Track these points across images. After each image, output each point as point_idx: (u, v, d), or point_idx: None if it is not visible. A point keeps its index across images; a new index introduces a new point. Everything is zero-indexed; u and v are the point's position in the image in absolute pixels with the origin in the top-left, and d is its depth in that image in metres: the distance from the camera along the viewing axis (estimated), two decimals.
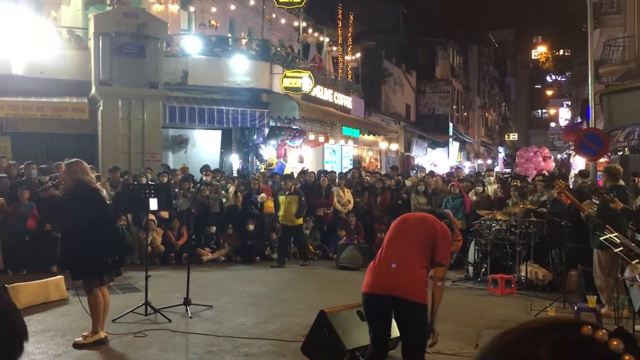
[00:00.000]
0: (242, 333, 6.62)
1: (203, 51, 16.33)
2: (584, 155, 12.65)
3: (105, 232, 6.03)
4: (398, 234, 4.33)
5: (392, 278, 4.08)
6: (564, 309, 7.77)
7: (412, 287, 4.04)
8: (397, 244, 4.25)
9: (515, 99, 66.88)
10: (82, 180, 5.97)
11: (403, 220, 4.44)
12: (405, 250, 4.18)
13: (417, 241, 4.20)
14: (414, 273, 4.09)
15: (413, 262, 4.12)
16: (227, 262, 12.05)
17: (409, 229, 4.32)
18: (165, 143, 16.34)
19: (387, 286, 4.08)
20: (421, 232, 4.24)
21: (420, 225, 4.29)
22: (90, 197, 6.00)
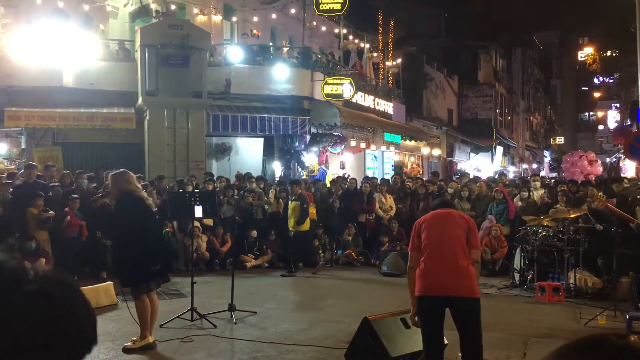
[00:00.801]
0: (286, 339, 6.67)
1: (245, 60, 16.57)
2: (634, 158, 12.28)
3: (150, 240, 6.14)
4: (436, 233, 4.53)
5: (446, 279, 4.30)
6: (615, 317, 7.54)
7: (467, 285, 4.32)
8: (440, 243, 4.45)
9: (562, 102, 65.32)
10: (126, 190, 6.14)
11: (434, 219, 4.65)
12: (451, 250, 4.40)
13: (457, 237, 4.46)
14: (465, 270, 4.34)
15: (461, 259, 4.36)
16: (270, 268, 12.14)
17: (445, 226, 4.55)
18: (209, 151, 16.62)
19: (443, 287, 4.30)
20: (456, 227, 4.52)
21: (453, 221, 4.57)
22: (134, 207, 6.13)
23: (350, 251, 12.81)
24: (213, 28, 17.46)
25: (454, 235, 4.47)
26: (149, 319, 6.16)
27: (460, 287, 4.31)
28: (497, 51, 38.90)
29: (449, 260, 4.37)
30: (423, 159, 27.47)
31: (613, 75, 55.68)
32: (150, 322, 6.25)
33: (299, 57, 17.76)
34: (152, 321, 6.27)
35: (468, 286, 4.33)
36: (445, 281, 4.31)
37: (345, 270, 12.15)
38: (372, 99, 20.37)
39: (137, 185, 6.33)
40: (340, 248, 12.93)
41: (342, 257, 12.79)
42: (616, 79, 53.52)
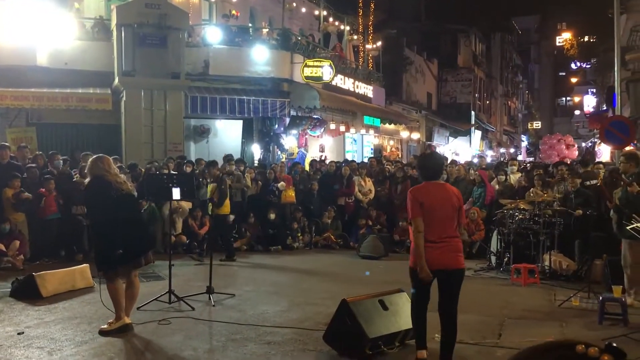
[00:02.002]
0: (265, 321, 6.68)
1: (224, 41, 16.37)
2: (609, 143, 12.45)
3: (114, 224, 6.02)
4: (435, 212, 4.98)
5: (443, 256, 4.95)
6: (589, 299, 7.68)
7: (458, 259, 5.04)
8: (440, 219, 4.97)
9: (539, 87, 65.92)
10: (96, 175, 6.10)
11: (433, 196, 5.02)
12: (448, 229, 4.99)
13: (452, 218, 5.03)
14: (458, 246, 5.05)
15: (454, 236, 5.03)
16: (249, 251, 12.13)
17: (443, 207, 5.01)
18: (187, 133, 16.46)
19: (440, 263, 4.95)
20: (451, 209, 5.03)
21: (449, 201, 5.04)
22: (98, 192, 6.08)
23: (329, 234, 12.85)
24: (191, 8, 17.18)
25: (450, 217, 5.02)
26: (122, 301, 6.12)
27: (454, 261, 5.00)
28: (476, 36, 39.00)
29: (445, 239, 4.96)
30: (402, 142, 27.55)
31: (590, 60, 56.23)
32: (128, 304, 6.21)
33: (278, 39, 17.60)
34: (130, 303, 6.23)
35: (459, 260, 5.05)
36: (442, 258, 4.95)
37: (324, 253, 12.19)
38: (352, 82, 20.31)
39: (109, 170, 6.16)
40: (319, 231, 12.96)
41: (321, 240, 12.83)
42: (593, 65, 54.05)
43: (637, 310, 6.79)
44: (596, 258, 8.84)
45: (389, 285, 7.16)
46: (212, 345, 5.91)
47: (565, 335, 6.25)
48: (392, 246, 12.25)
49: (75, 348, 5.69)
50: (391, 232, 12.69)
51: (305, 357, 5.54)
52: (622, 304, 6.68)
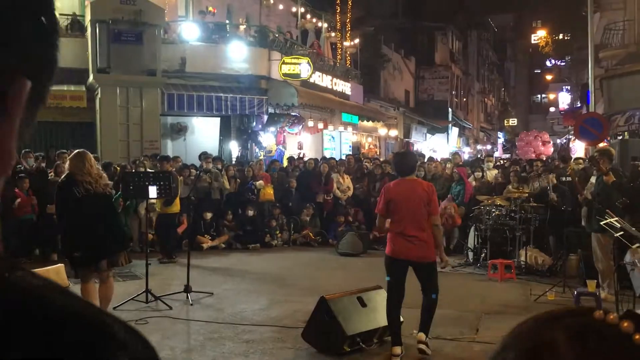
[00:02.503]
0: (243, 320, 6.65)
1: (201, 38, 16.25)
2: (583, 139, 12.63)
3: (79, 225, 5.90)
4: (403, 207, 5.32)
5: (412, 248, 5.28)
6: (564, 293, 7.79)
7: (427, 252, 5.33)
8: (407, 214, 5.29)
9: (515, 84, 66.65)
10: (69, 172, 6.00)
11: (401, 193, 5.36)
12: (416, 220, 5.28)
13: (419, 212, 5.30)
14: (427, 238, 5.30)
15: (424, 228, 5.29)
16: (227, 249, 12.07)
17: (410, 201, 5.32)
18: (164, 131, 16.31)
19: (408, 254, 5.31)
20: (419, 202, 5.30)
21: (416, 196, 5.32)
22: (61, 191, 5.99)
23: (308, 231, 12.84)
24: (167, 4, 17.00)
25: (417, 211, 5.29)
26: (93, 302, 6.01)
27: (420, 255, 5.32)
28: (453, 33, 39.27)
29: (412, 233, 5.27)
30: (380, 139, 27.64)
31: (565, 58, 57.01)
32: (102, 305, 6.11)
33: (256, 36, 17.52)
34: (103, 304, 6.13)
35: (429, 252, 5.35)
36: (409, 251, 5.31)
37: (302, 251, 12.19)
38: (330, 79, 20.31)
39: (82, 167, 5.93)
40: (298, 228, 12.94)
41: (299, 237, 12.82)
42: (567, 62, 54.84)
43: (611, 303, 6.89)
44: (571, 253, 8.98)
45: (367, 282, 7.17)
46: (190, 345, 5.87)
47: None
48: (371, 243, 12.28)
49: None
50: (369, 229, 12.73)
51: (284, 354, 5.52)
52: (597, 298, 6.79)
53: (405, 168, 5.51)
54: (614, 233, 5.88)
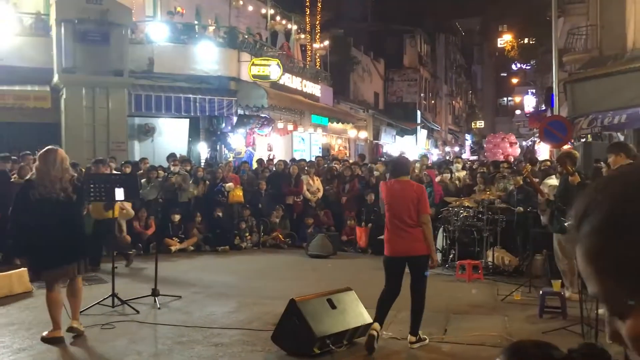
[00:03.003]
0: (212, 323, 6.58)
1: (169, 38, 16.08)
2: (548, 142, 12.88)
3: (28, 230, 5.74)
4: (395, 203, 5.83)
5: (404, 244, 5.76)
6: (530, 293, 7.93)
7: (419, 247, 5.75)
8: (399, 211, 5.78)
9: (482, 87, 67.66)
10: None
11: (394, 193, 5.87)
12: (407, 218, 5.75)
13: (411, 208, 5.76)
14: (418, 235, 5.76)
15: (412, 227, 5.74)
16: (196, 251, 11.95)
17: (403, 199, 5.80)
18: (131, 132, 16.08)
19: (402, 251, 5.78)
20: (409, 202, 5.77)
21: (407, 196, 5.80)
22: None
23: (278, 233, 12.80)
24: (134, 4, 16.77)
25: (407, 209, 5.77)
26: (53, 311, 5.79)
27: (412, 249, 5.76)
28: (421, 36, 39.67)
29: (404, 230, 5.76)
30: (350, 141, 27.75)
31: (530, 62, 58.07)
32: (72, 308, 5.97)
33: (225, 37, 17.42)
34: (73, 307, 5.99)
35: (421, 247, 5.76)
36: (401, 247, 5.78)
37: (272, 253, 12.15)
38: (300, 80, 20.31)
39: (42, 168, 5.76)
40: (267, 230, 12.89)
41: (269, 239, 12.77)
42: (533, 66, 55.87)
43: (575, 303, 7.03)
44: (536, 253, 9.14)
45: (337, 284, 7.19)
46: (157, 349, 5.79)
47: (508, 329, 6.43)
48: (341, 245, 12.31)
49: (12, 356, 5.46)
50: (339, 231, 12.76)
51: (254, 357, 5.49)
52: (561, 298, 6.92)
53: (399, 170, 6.06)
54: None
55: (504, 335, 6.08)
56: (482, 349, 5.74)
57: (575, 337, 5.78)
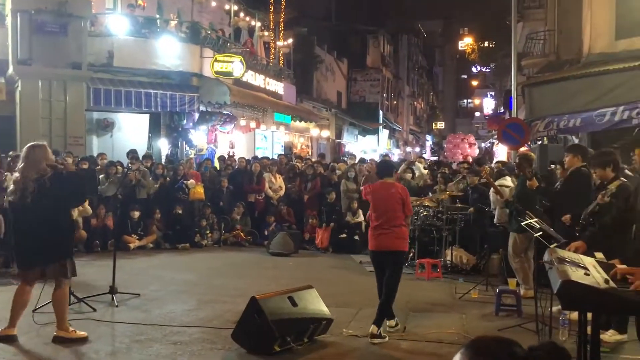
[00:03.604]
0: (171, 321, 6.51)
1: (130, 32, 15.78)
2: (506, 143, 13.16)
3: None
4: (381, 203, 6.28)
5: (388, 240, 6.19)
6: (487, 291, 8.10)
7: (400, 243, 6.25)
8: (385, 211, 6.22)
9: (443, 89, 68.69)
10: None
11: (380, 194, 6.33)
12: (392, 217, 6.18)
13: (396, 208, 6.21)
14: (401, 233, 6.24)
15: (398, 224, 6.21)
16: (156, 249, 11.79)
17: (388, 201, 6.24)
18: (90, 126, 15.75)
19: (386, 246, 6.21)
20: (394, 202, 6.21)
21: (393, 197, 6.23)
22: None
23: (239, 231, 12.73)
24: None
25: (393, 209, 6.21)
26: (15, 307, 5.70)
27: (394, 245, 6.19)
28: (384, 37, 40.00)
29: (389, 227, 6.17)
30: (312, 140, 27.78)
31: (490, 65, 59.22)
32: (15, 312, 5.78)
33: (187, 32, 17.19)
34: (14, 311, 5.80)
35: (402, 244, 6.31)
36: (385, 242, 6.20)
37: (233, 251, 12.09)
38: (263, 78, 20.22)
39: (16, 167, 5.82)
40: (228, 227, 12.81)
41: (230, 237, 12.70)
42: (492, 69, 56.99)
43: (530, 301, 7.22)
44: (493, 252, 9.34)
45: (298, 281, 7.19)
46: (114, 348, 5.69)
47: (465, 326, 6.55)
48: (302, 243, 12.33)
49: None
50: (301, 229, 12.77)
51: (213, 356, 5.45)
52: (517, 296, 7.09)
53: (383, 172, 6.62)
54: (534, 233, 6.16)
55: (461, 333, 6.20)
56: (440, 346, 5.83)
57: (530, 334, 5.93)
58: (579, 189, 6.79)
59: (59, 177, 5.72)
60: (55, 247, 5.70)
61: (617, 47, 13.26)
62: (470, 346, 1.14)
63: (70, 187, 5.90)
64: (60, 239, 5.75)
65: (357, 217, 12.23)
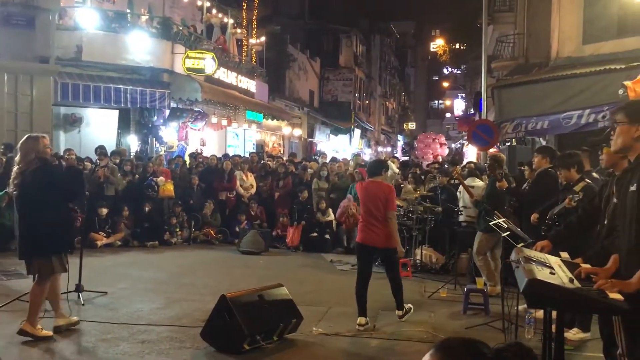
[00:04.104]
0: (139, 319, 6.43)
1: (100, 26, 15.53)
2: (476, 144, 13.32)
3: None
4: (369, 201, 6.64)
5: (374, 236, 6.55)
6: (455, 290, 8.19)
7: (386, 240, 6.56)
8: (371, 208, 6.60)
9: (415, 89, 69.22)
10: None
11: (367, 191, 6.72)
12: (377, 213, 6.55)
13: (380, 205, 6.56)
14: (386, 230, 6.56)
15: (383, 221, 6.54)
16: (124, 246, 11.63)
17: (373, 198, 6.62)
18: (57, 122, 15.44)
19: (372, 241, 6.59)
20: (378, 200, 6.58)
21: (376, 195, 6.61)
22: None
23: (209, 229, 12.64)
24: None
25: (377, 206, 6.56)
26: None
27: (383, 241, 6.55)
28: (357, 37, 40.12)
29: (373, 223, 6.55)
30: (284, 138, 27.73)
31: (460, 67, 59.90)
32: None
33: (158, 28, 16.98)
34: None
35: (388, 241, 6.56)
36: (370, 237, 6.58)
37: (203, 249, 11.99)
38: (235, 75, 20.10)
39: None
40: (198, 225, 12.70)
41: (200, 234, 12.59)
42: (463, 71, 57.65)
43: (497, 300, 7.33)
44: (462, 252, 9.45)
45: (269, 280, 7.18)
46: (80, 347, 5.59)
47: (434, 325, 6.62)
48: (273, 241, 12.30)
49: None
50: (272, 228, 12.74)
51: (182, 354, 5.40)
52: (484, 295, 7.19)
53: (372, 171, 7.01)
54: (501, 233, 6.25)
55: (430, 331, 6.26)
56: (409, 344, 5.88)
57: (497, 332, 6.02)
58: (545, 189, 6.92)
59: (45, 171, 5.59)
60: (35, 243, 5.64)
61: (584, 52, 13.55)
62: (439, 348, 1.15)
63: (59, 183, 5.79)
64: (42, 235, 5.64)
65: (327, 216, 12.26)
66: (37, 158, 5.57)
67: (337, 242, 12.09)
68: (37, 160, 5.55)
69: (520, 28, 18.44)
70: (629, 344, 3.40)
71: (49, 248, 5.72)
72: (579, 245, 4.40)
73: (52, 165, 5.68)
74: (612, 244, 3.82)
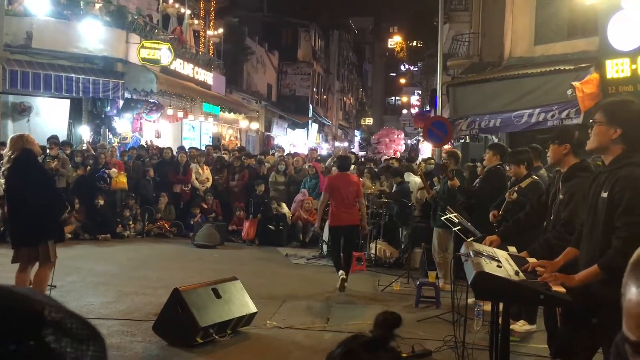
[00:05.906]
0: (89, 313, 6.30)
1: (51, 12, 15.06)
2: (430, 141, 13.55)
3: None
4: (341, 191, 8.02)
5: (344, 218, 8.05)
6: (408, 284, 8.34)
7: (354, 219, 8.16)
8: (343, 197, 8.01)
9: (372, 85, 69.73)
10: None
11: (340, 182, 8.13)
12: (348, 201, 8.04)
13: (351, 194, 8.05)
14: (355, 212, 8.16)
15: (353, 205, 8.11)
16: (74, 239, 11.35)
17: (346, 187, 8.03)
18: (5, 110, 14.93)
19: (346, 221, 8.06)
20: (350, 189, 8.05)
21: (349, 185, 8.08)
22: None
23: (164, 223, 12.47)
24: None
25: (350, 193, 8.04)
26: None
27: (351, 220, 8.11)
28: (316, 31, 40.12)
29: (347, 207, 8.03)
30: (241, 132, 27.54)
31: (417, 64, 60.64)
32: None
33: (112, 16, 16.59)
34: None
35: (355, 220, 8.17)
36: (345, 218, 8.04)
37: (157, 242, 11.83)
38: (192, 67, 19.83)
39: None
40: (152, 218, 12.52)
41: (154, 228, 12.42)
42: (419, 68, 58.39)
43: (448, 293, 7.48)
44: (415, 246, 9.62)
45: (223, 273, 7.14)
46: None
47: None
48: (228, 235, 12.23)
49: None
50: (227, 221, 12.66)
51: (133, 348, 5.33)
52: (436, 288, 7.35)
53: (343, 166, 8.39)
54: (453, 227, 6.40)
55: None
56: None
57: (447, 324, 6.16)
58: (494, 186, 7.11)
59: (26, 160, 5.79)
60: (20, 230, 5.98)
61: (536, 52, 13.94)
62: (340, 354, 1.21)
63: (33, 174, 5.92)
64: (22, 222, 5.96)
65: (282, 209, 12.27)
66: (24, 148, 5.87)
67: (292, 236, 12.12)
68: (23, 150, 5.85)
69: (475, 27, 18.80)
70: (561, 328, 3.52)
71: (33, 237, 6.04)
72: (525, 240, 4.54)
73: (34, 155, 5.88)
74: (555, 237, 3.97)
